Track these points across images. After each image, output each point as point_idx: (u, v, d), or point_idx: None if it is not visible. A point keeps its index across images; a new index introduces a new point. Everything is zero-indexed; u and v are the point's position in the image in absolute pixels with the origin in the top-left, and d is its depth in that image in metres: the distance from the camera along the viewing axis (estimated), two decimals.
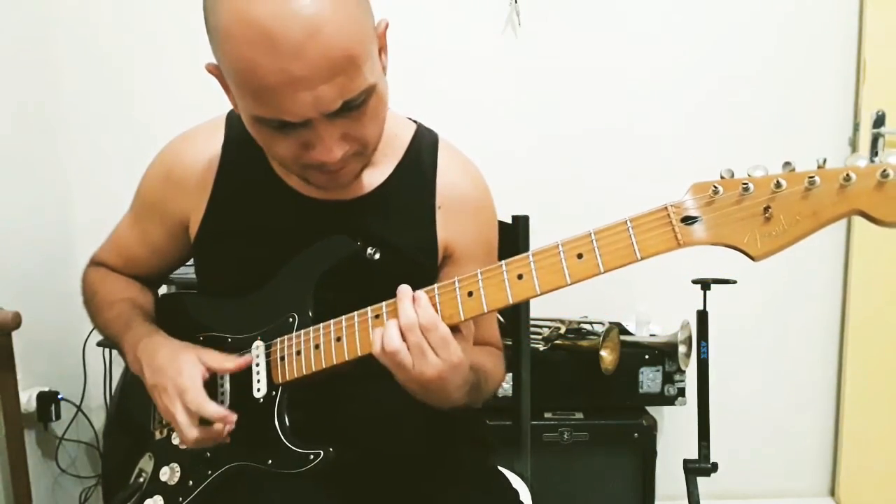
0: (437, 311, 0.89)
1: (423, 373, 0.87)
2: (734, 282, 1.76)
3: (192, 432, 0.96)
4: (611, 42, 2.25)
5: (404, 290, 0.90)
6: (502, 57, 2.24)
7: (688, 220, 0.78)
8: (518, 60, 2.25)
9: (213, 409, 0.95)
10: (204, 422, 0.97)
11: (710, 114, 2.27)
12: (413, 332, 0.87)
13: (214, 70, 0.92)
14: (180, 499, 1.03)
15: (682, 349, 1.97)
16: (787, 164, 0.74)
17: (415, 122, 1.16)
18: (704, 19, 2.25)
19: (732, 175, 0.77)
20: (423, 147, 1.12)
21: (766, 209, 0.74)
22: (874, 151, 2.17)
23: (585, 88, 2.27)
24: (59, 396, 2.02)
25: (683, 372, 1.99)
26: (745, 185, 0.75)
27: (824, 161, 0.73)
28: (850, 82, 2.26)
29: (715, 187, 0.76)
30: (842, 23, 2.24)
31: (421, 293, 0.90)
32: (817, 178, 0.72)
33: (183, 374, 0.97)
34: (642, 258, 0.80)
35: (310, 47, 0.79)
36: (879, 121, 2.20)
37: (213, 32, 0.85)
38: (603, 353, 1.95)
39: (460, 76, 2.24)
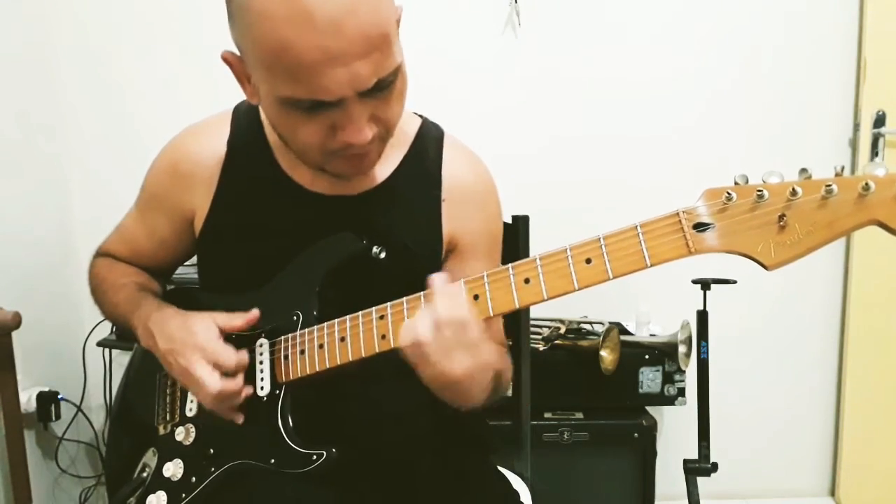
0: None
1: (449, 370, 0.84)
2: (734, 282, 1.76)
3: (215, 383, 0.95)
4: (611, 43, 2.25)
5: (442, 283, 0.88)
6: (502, 58, 2.24)
7: (700, 226, 0.76)
8: (518, 61, 2.24)
9: (228, 354, 0.96)
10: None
11: (710, 114, 2.27)
12: (448, 327, 0.83)
13: (232, 58, 0.91)
14: (183, 495, 1.02)
15: (682, 349, 1.97)
16: (803, 170, 0.72)
17: (420, 116, 1.15)
18: (705, 19, 2.24)
19: (747, 181, 0.75)
20: (429, 140, 1.12)
21: (781, 217, 0.72)
22: (874, 151, 2.18)
23: (585, 89, 2.26)
24: (59, 396, 2.02)
25: (683, 372, 1.99)
26: (759, 193, 0.73)
27: (842, 168, 0.71)
28: (850, 82, 2.25)
29: (728, 193, 0.75)
30: (842, 23, 2.24)
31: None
32: (835, 187, 0.70)
33: (198, 335, 0.98)
34: (652, 265, 0.78)
35: (347, 23, 0.80)
36: (879, 121, 2.20)
37: (243, 14, 0.83)
38: (603, 353, 1.95)
39: (460, 77, 2.23)
